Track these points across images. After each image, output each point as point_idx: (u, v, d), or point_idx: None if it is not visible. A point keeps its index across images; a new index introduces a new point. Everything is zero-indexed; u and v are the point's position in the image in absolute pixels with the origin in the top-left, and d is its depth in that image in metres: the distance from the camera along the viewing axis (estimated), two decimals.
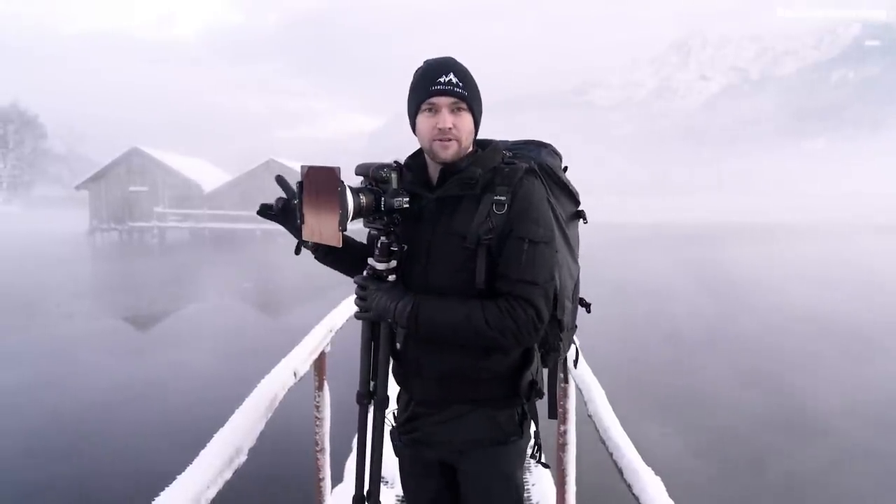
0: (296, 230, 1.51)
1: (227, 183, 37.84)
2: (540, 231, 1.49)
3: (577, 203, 1.74)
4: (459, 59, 1.60)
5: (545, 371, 1.70)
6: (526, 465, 4.15)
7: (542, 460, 1.83)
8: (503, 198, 1.48)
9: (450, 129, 1.51)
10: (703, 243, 33.76)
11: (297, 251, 1.61)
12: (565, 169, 1.74)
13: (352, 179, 1.54)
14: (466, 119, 1.54)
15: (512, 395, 1.60)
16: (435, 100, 1.52)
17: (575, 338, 1.86)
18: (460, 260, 1.51)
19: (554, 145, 1.75)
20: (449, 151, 1.53)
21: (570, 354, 1.90)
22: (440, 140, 1.53)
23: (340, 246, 1.43)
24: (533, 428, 1.70)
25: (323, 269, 1.80)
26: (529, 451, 1.75)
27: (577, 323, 1.78)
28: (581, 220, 1.75)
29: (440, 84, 1.51)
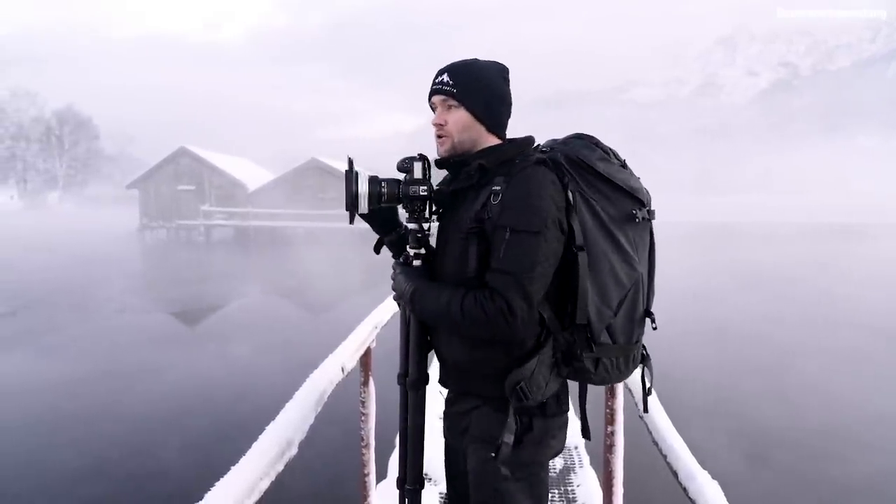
0: None
1: (271, 182, 38.46)
2: (524, 219, 1.43)
3: (637, 199, 1.55)
4: (501, 57, 1.67)
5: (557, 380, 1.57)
6: (570, 465, 4.09)
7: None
8: (498, 187, 1.49)
9: (441, 125, 1.62)
10: (749, 243, 32.84)
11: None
12: (623, 164, 1.58)
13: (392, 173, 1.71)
14: (457, 115, 1.60)
15: (504, 396, 1.49)
16: (432, 99, 1.65)
17: (652, 363, 1.67)
18: (459, 249, 1.54)
19: (596, 137, 1.62)
20: (443, 147, 1.64)
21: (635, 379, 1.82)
22: (437, 136, 1.64)
23: (351, 224, 1.65)
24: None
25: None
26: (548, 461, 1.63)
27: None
28: (636, 220, 1.53)
29: (434, 84, 1.63)
